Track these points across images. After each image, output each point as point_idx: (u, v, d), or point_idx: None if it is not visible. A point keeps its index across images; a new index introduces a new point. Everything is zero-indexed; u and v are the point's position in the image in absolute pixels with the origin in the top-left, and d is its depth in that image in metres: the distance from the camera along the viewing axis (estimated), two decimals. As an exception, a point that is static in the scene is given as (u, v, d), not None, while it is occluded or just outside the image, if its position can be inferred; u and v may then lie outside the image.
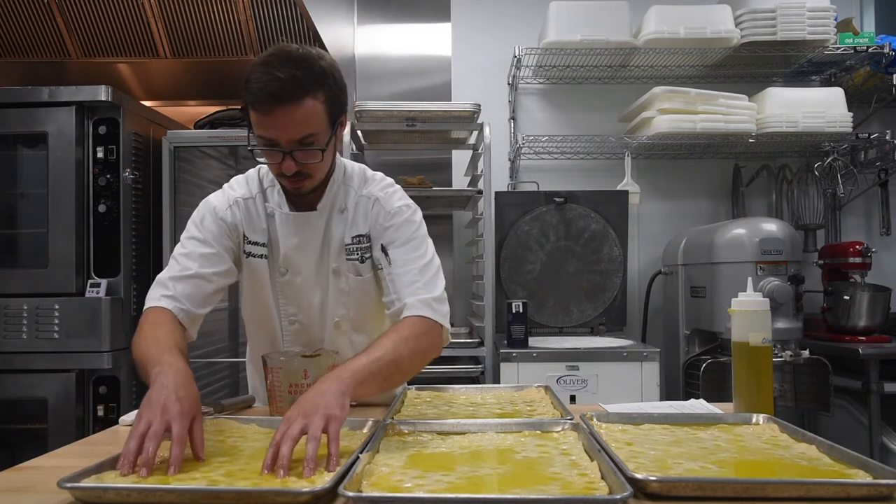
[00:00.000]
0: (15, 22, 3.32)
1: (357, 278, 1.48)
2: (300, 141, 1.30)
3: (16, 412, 2.66)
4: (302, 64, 1.28)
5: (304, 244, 1.46)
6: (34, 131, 2.63)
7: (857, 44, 3.07)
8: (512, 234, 3.07)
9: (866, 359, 2.69)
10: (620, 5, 3.10)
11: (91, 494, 0.88)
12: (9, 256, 2.69)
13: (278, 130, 1.28)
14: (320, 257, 1.47)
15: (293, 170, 1.32)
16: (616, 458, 0.96)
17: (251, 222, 1.48)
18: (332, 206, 1.47)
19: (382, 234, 1.46)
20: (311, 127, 1.29)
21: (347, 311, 1.51)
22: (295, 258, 1.46)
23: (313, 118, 1.29)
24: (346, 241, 1.47)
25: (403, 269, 1.42)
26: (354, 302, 1.50)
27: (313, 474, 0.95)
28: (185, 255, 1.43)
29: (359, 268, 1.48)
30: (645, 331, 3.24)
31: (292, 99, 1.26)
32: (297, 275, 1.47)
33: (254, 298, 1.53)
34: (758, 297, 1.36)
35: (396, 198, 1.51)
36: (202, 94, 3.66)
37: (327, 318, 1.50)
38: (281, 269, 1.47)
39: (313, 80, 1.29)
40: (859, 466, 0.95)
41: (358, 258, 1.47)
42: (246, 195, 1.49)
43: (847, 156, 3.28)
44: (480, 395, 1.57)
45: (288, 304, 1.50)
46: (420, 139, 3.15)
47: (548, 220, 3.07)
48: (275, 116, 1.26)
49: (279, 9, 3.26)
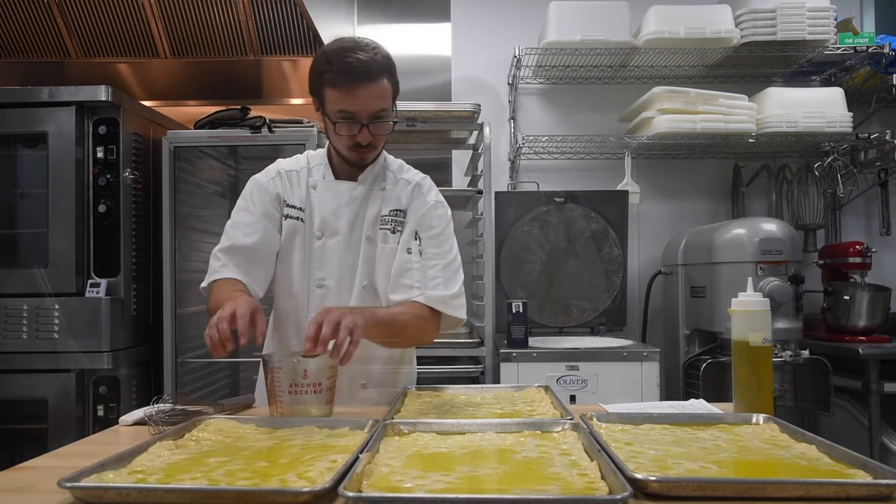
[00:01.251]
0: (15, 22, 3.32)
1: (385, 246, 1.63)
2: (375, 114, 1.50)
3: (16, 412, 2.66)
4: (375, 50, 1.50)
5: (341, 209, 1.62)
6: (34, 131, 2.63)
7: (857, 44, 3.07)
8: (512, 234, 3.07)
9: (866, 359, 2.69)
10: (620, 5, 3.10)
11: (91, 494, 0.88)
12: (9, 256, 2.69)
13: (360, 104, 1.48)
14: (354, 223, 1.62)
15: (369, 139, 1.52)
16: (616, 458, 0.96)
17: (291, 189, 1.65)
18: (372, 182, 1.64)
19: (419, 221, 1.63)
20: (384, 102, 1.51)
21: (372, 278, 1.63)
22: (331, 221, 1.61)
23: (386, 95, 1.51)
24: (383, 213, 1.63)
25: (430, 263, 1.60)
26: (379, 268, 1.63)
27: (340, 357, 1.27)
28: (233, 226, 1.63)
29: (389, 237, 1.63)
30: (645, 331, 3.24)
31: (373, 78, 1.47)
32: (331, 237, 1.61)
33: (286, 263, 1.64)
34: (758, 297, 1.37)
35: (434, 193, 1.69)
36: (202, 93, 3.66)
37: (355, 282, 1.62)
38: (317, 234, 1.62)
39: (385, 64, 1.51)
40: (859, 466, 0.95)
41: (391, 228, 1.63)
42: (290, 168, 1.68)
43: (847, 156, 3.28)
44: (480, 395, 1.57)
45: (318, 269, 1.62)
46: (420, 139, 3.15)
47: (548, 221, 3.08)
48: (357, 93, 1.47)
49: (279, 9, 3.26)
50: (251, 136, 2.84)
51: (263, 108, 3.43)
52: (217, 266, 1.59)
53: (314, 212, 1.62)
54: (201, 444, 1.15)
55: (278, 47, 3.44)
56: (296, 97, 3.75)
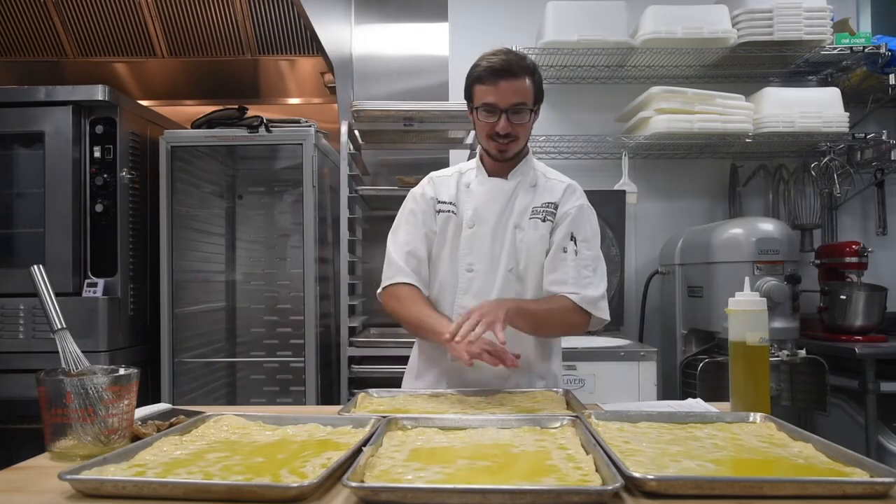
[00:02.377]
0: (12, 21, 3.31)
1: (534, 232, 1.76)
2: (514, 106, 1.66)
3: (13, 412, 2.65)
4: (520, 56, 1.70)
5: (492, 201, 1.77)
6: (31, 131, 2.62)
7: (854, 44, 3.07)
8: (509, 234, 3.07)
9: (863, 358, 2.69)
10: (618, 5, 3.10)
11: (89, 486, 0.90)
12: (5, 256, 2.68)
13: (501, 96, 1.65)
14: (503, 213, 1.76)
15: (507, 129, 1.67)
16: (611, 453, 0.97)
17: (442, 189, 1.84)
18: (521, 179, 1.80)
19: (574, 223, 1.76)
20: (523, 97, 1.67)
21: (518, 263, 1.75)
22: (482, 212, 1.77)
23: (525, 91, 1.67)
24: (535, 205, 1.78)
25: (584, 263, 1.74)
26: (526, 254, 1.75)
27: (497, 361, 1.44)
28: (399, 238, 1.83)
29: (539, 225, 1.76)
30: (642, 330, 3.24)
31: (515, 74, 1.66)
32: (482, 226, 1.76)
33: (438, 251, 1.81)
34: (755, 296, 1.37)
35: (584, 197, 1.84)
36: (199, 93, 3.67)
37: (501, 266, 1.75)
38: (469, 223, 1.77)
39: (527, 66, 1.70)
40: (855, 465, 0.95)
41: (541, 217, 1.77)
42: (440, 175, 1.88)
43: (843, 156, 3.29)
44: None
45: (468, 254, 1.77)
46: (417, 139, 3.15)
47: (545, 220, 3.07)
48: (499, 86, 1.65)
49: (276, 8, 3.27)
50: (248, 136, 2.84)
51: (261, 107, 3.43)
52: (392, 272, 1.79)
53: (466, 205, 1.79)
54: (205, 439, 1.16)
55: (276, 47, 3.44)
56: (293, 97, 3.75)
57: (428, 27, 3.46)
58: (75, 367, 1.21)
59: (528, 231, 1.76)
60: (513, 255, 1.75)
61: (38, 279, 1.26)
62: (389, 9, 3.46)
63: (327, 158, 3.05)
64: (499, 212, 1.76)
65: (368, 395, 1.56)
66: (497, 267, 1.75)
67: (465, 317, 1.49)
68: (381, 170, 3.39)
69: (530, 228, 1.76)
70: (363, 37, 3.46)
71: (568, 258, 1.73)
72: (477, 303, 1.69)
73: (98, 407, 1.11)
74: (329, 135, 3.05)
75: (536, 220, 1.76)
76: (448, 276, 1.78)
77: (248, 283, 3.47)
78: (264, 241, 3.48)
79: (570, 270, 1.72)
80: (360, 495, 0.87)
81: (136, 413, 1.39)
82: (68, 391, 1.10)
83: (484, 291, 1.74)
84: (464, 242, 1.77)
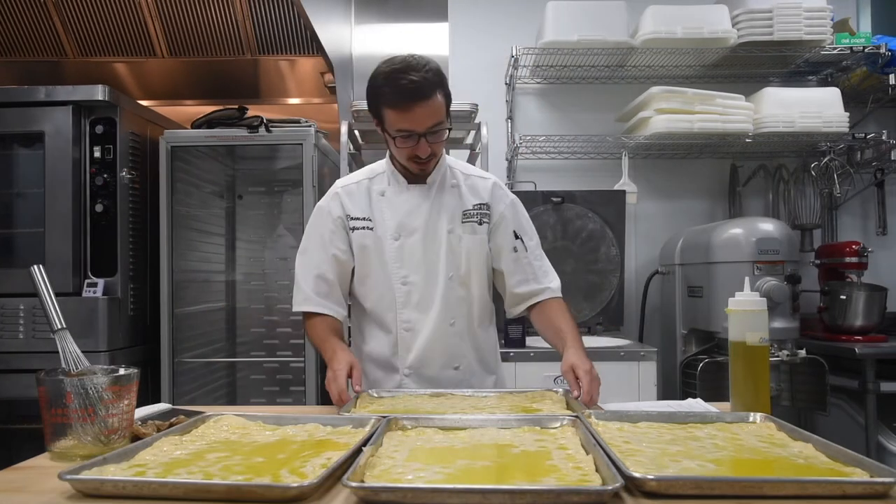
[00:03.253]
0: (12, 21, 3.31)
1: (472, 237, 1.75)
2: (431, 128, 1.61)
3: (13, 412, 2.65)
4: (425, 68, 1.58)
5: (416, 209, 1.73)
6: (31, 131, 2.62)
7: (854, 44, 3.07)
8: (509, 234, 3.07)
9: (863, 358, 2.70)
10: (618, 5, 3.10)
11: (89, 486, 0.90)
12: (5, 256, 2.68)
13: (417, 122, 1.59)
14: (430, 221, 1.73)
15: (427, 151, 1.64)
16: (611, 452, 0.97)
17: (352, 203, 1.76)
18: (441, 181, 1.77)
19: (513, 219, 1.79)
20: (439, 116, 1.61)
21: (458, 268, 1.74)
22: (407, 223, 1.73)
23: (440, 110, 1.62)
24: (466, 207, 1.76)
25: (536, 259, 1.80)
26: (466, 258, 1.75)
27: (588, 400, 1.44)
28: (306, 256, 1.78)
29: (476, 228, 1.76)
30: (642, 330, 3.24)
31: (427, 96, 1.58)
32: (409, 237, 1.73)
33: (365, 269, 1.75)
34: (755, 296, 1.37)
35: (506, 188, 1.85)
36: (199, 93, 3.66)
37: (440, 274, 1.73)
38: (394, 235, 1.73)
39: (437, 81, 1.60)
40: (855, 465, 0.95)
41: (477, 221, 1.76)
42: (347, 185, 1.80)
43: (843, 156, 3.29)
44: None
45: (401, 267, 1.73)
46: (417, 139, 3.14)
47: (545, 220, 3.08)
48: (414, 111, 1.58)
49: (276, 8, 3.26)
50: (248, 136, 2.84)
51: (261, 107, 3.43)
52: (300, 299, 1.76)
53: (386, 216, 1.74)
54: (205, 439, 1.16)
55: (276, 47, 3.44)
56: (293, 97, 3.75)
57: (428, 27, 3.45)
58: (75, 367, 1.21)
59: (465, 236, 1.75)
60: (451, 262, 1.74)
61: (38, 279, 1.26)
62: (389, 9, 3.45)
63: (327, 158, 3.05)
64: (425, 220, 1.73)
65: (369, 394, 1.56)
66: (435, 276, 1.73)
67: (581, 372, 1.52)
68: (381, 170, 3.38)
69: (467, 233, 1.75)
70: (363, 37, 3.45)
71: (520, 256, 1.78)
72: (420, 315, 1.72)
73: (98, 407, 1.11)
74: (329, 135, 3.05)
75: (472, 223, 1.76)
76: (383, 290, 1.75)
77: (248, 283, 3.46)
78: (264, 241, 3.48)
79: (527, 267, 1.79)
80: (360, 495, 0.87)
81: (136, 413, 1.39)
82: (68, 391, 1.10)
83: (425, 301, 1.73)
84: (393, 255, 1.73)
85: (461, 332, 1.76)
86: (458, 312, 1.76)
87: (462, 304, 1.76)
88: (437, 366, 1.74)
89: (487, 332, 1.85)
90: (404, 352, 1.74)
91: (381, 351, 1.77)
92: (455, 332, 1.75)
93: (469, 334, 1.78)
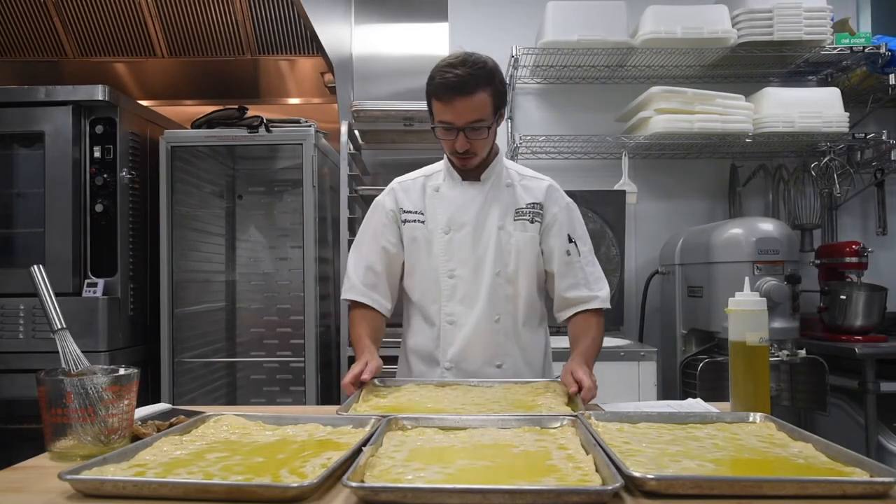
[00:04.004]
0: (12, 21, 3.31)
1: (522, 234, 1.76)
2: (471, 124, 1.62)
3: (13, 412, 2.65)
4: (475, 65, 1.61)
5: (468, 204, 1.76)
6: (31, 131, 2.63)
7: (854, 44, 3.07)
8: (509, 234, 3.07)
9: (863, 358, 2.69)
10: (618, 5, 3.10)
11: (89, 486, 0.90)
12: (5, 256, 2.69)
13: (457, 115, 1.62)
14: (481, 216, 1.75)
15: (465, 147, 1.65)
16: (611, 452, 0.97)
17: (406, 198, 1.81)
18: (496, 180, 1.78)
19: (567, 222, 1.79)
20: (479, 114, 1.62)
21: (506, 265, 1.75)
22: (457, 217, 1.75)
23: (482, 107, 1.62)
24: (518, 206, 1.77)
25: (588, 265, 1.79)
26: (515, 255, 1.75)
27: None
28: (360, 251, 1.82)
29: (527, 226, 1.77)
30: (642, 330, 3.24)
31: (469, 91, 1.60)
32: (458, 231, 1.75)
33: (413, 261, 1.79)
34: (755, 296, 1.37)
35: (562, 192, 1.85)
36: (199, 93, 3.67)
37: (486, 269, 1.74)
38: (444, 229, 1.76)
39: (484, 79, 1.61)
40: (855, 465, 0.95)
41: (528, 219, 1.77)
42: (404, 181, 1.85)
43: (843, 156, 3.29)
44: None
45: (448, 260, 1.75)
46: (417, 139, 3.15)
47: (545, 220, 3.07)
48: (454, 105, 1.61)
49: (276, 8, 3.27)
50: (248, 136, 2.84)
51: (261, 107, 3.43)
52: (348, 287, 1.81)
53: (438, 211, 1.77)
54: (205, 439, 1.16)
55: (276, 47, 3.44)
56: (293, 97, 3.75)
57: (428, 27, 3.45)
58: (75, 367, 1.21)
59: (516, 233, 1.76)
60: (500, 258, 1.75)
61: (38, 279, 1.26)
62: (389, 9, 3.46)
63: (327, 158, 3.05)
64: (476, 215, 1.75)
65: (373, 384, 1.57)
66: (482, 271, 1.74)
67: (578, 378, 1.51)
68: (380, 170, 3.38)
69: (517, 230, 1.76)
70: (363, 37, 3.45)
71: (573, 261, 1.77)
72: (465, 309, 1.73)
73: (98, 407, 1.11)
74: (329, 135, 3.05)
75: (523, 221, 1.77)
76: (428, 284, 1.77)
77: (248, 283, 3.47)
78: (264, 241, 3.48)
79: (579, 272, 1.77)
80: (359, 495, 0.87)
81: (136, 413, 1.39)
82: (68, 391, 1.10)
83: (470, 295, 1.74)
84: (442, 249, 1.75)
85: (506, 329, 1.76)
86: (504, 310, 1.76)
87: (508, 302, 1.76)
88: (479, 361, 1.74)
89: (535, 333, 1.83)
90: (446, 345, 1.75)
91: (424, 343, 1.79)
92: (499, 328, 1.75)
93: (514, 333, 1.77)
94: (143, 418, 1.31)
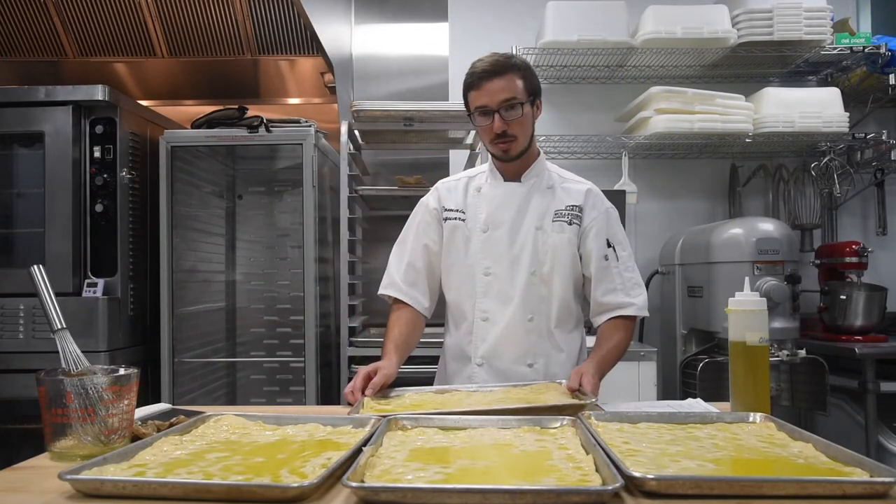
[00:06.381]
0: (11, 21, 3.31)
1: (559, 235, 1.76)
2: (504, 103, 1.66)
3: (13, 412, 2.65)
4: (504, 55, 1.70)
5: (507, 203, 1.77)
6: (31, 131, 2.62)
7: (854, 44, 3.07)
8: (509, 234, 3.07)
9: (863, 358, 2.70)
10: (618, 5, 3.10)
11: (89, 486, 0.90)
12: (5, 256, 2.69)
13: (490, 96, 1.66)
14: (518, 216, 1.77)
15: (502, 127, 1.67)
16: (611, 452, 0.97)
17: (449, 197, 1.84)
18: (535, 181, 1.80)
19: (606, 226, 1.80)
20: (511, 93, 1.66)
21: (542, 265, 1.75)
22: (496, 215, 1.77)
23: (513, 87, 1.67)
24: (558, 207, 1.78)
25: (626, 270, 1.79)
26: (551, 256, 1.76)
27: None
28: (403, 248, 1.86)
29: (564, 228, 1.77)
30: (642, 330, 3.24)
31: (500, 73, 1.66)
32: (496, 229, 1.77)
33: (451, 258, 1.81)
34: (755, 296, 1.37)
35: (603, 196, 1.86)
36: (199, 93, 3.66)
37: (522, 268, 1.75)
38: (483, 227, 1.78)
39: (514, 64, 1.69)
40: (855, 465, 0.95)
41: (567, 220, 1.78)
42: (448, 182, 1.90)
43: (843, 156, 3.29)
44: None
45: (484, 258, 1.77)
46: (417, 139, 3.15)
47: (545, 220, 3.07)
48: (485, 87, 1.66)
49: (276, 8, 3.27)
50: (248, 136, 2.84)
51: (261, 107, 3.43)
52: (387, 283, 1.85)
53: (478, 210, 1.79)
54: (205, 439, 1.16)
55: (276, 47, 3.44)
56: (293, 97, 3.75)
57: (428, 27, 3.45)
58: (75, 367, 1.21)
59: (553, 234, 1.76)
60: (535, 258, 1.75)
61: (38, 279, 1.26)
62: (389, 9, 3.46)
63: (327, 158, 3.05)
64: (514, 214, 1.76)
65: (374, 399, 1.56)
66: (517, 269, 1.75)
67: (577, 378, 1.51)
68: (381, 170, 3.39)
69: (555, 231, 1.76)
70: (363, 37, 3.45)
71: (611, 265, 1.77)
72: (499, 306, 1.75)
73: (98, 407, 1.11)
74: (329, 135, 3.05)
75: (561, 222, 1.77)
76: (464, 281, 1.79)
77: (248, 283, 3.46)
78: (264, 241, 3.48)
79: (616, 277, 1.77)
80: (360, 495, 0.87)
81: (136, 413, 1.39)
82: (68, 391, 1.10)
83: (505, 293, 1.75)
84: (479, 246, 1.77)
85: (539, 329, 1.76)
86: (538, 310, 1.76)
87: (542, 303, 1.76)
88: (510, 359, 1.75)
89: (570, 335, 1.82)
90: (479, 340, 1.77)
91: (458, 340, 1.81)
92: (533, 328, 1.75)
93: (547, 334, 1.77)
94: (143, 418, 1.31)
